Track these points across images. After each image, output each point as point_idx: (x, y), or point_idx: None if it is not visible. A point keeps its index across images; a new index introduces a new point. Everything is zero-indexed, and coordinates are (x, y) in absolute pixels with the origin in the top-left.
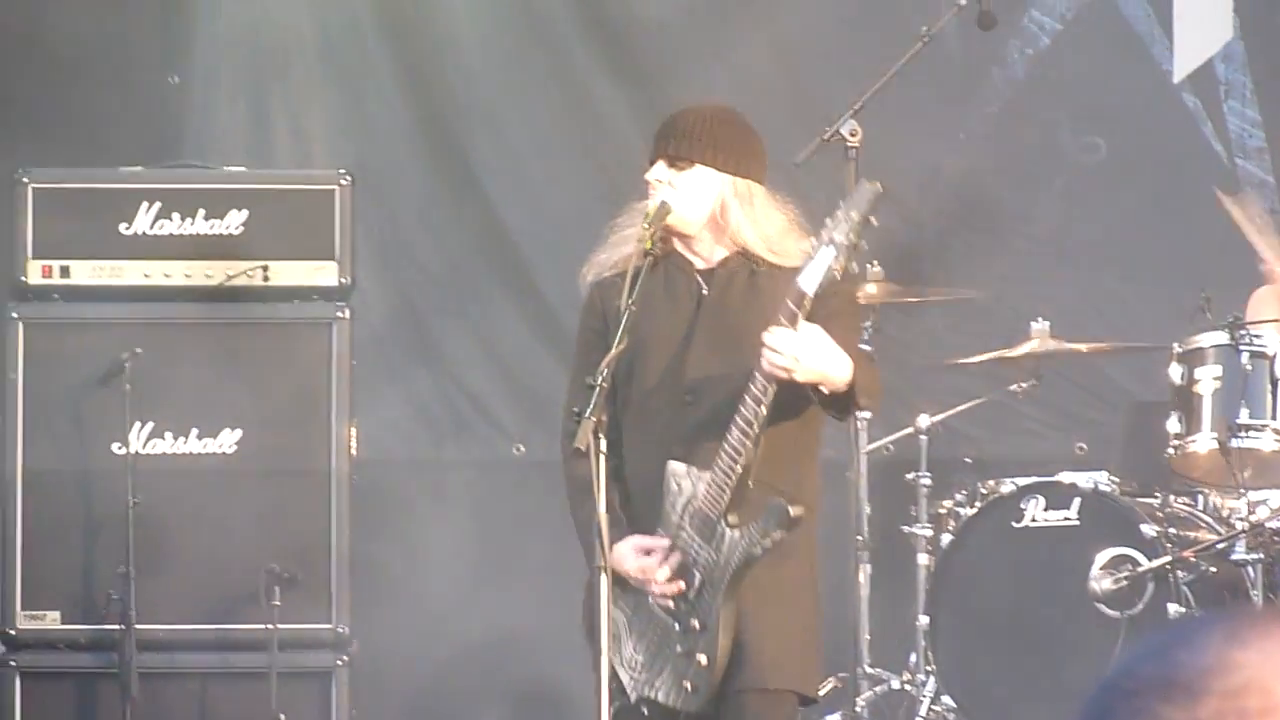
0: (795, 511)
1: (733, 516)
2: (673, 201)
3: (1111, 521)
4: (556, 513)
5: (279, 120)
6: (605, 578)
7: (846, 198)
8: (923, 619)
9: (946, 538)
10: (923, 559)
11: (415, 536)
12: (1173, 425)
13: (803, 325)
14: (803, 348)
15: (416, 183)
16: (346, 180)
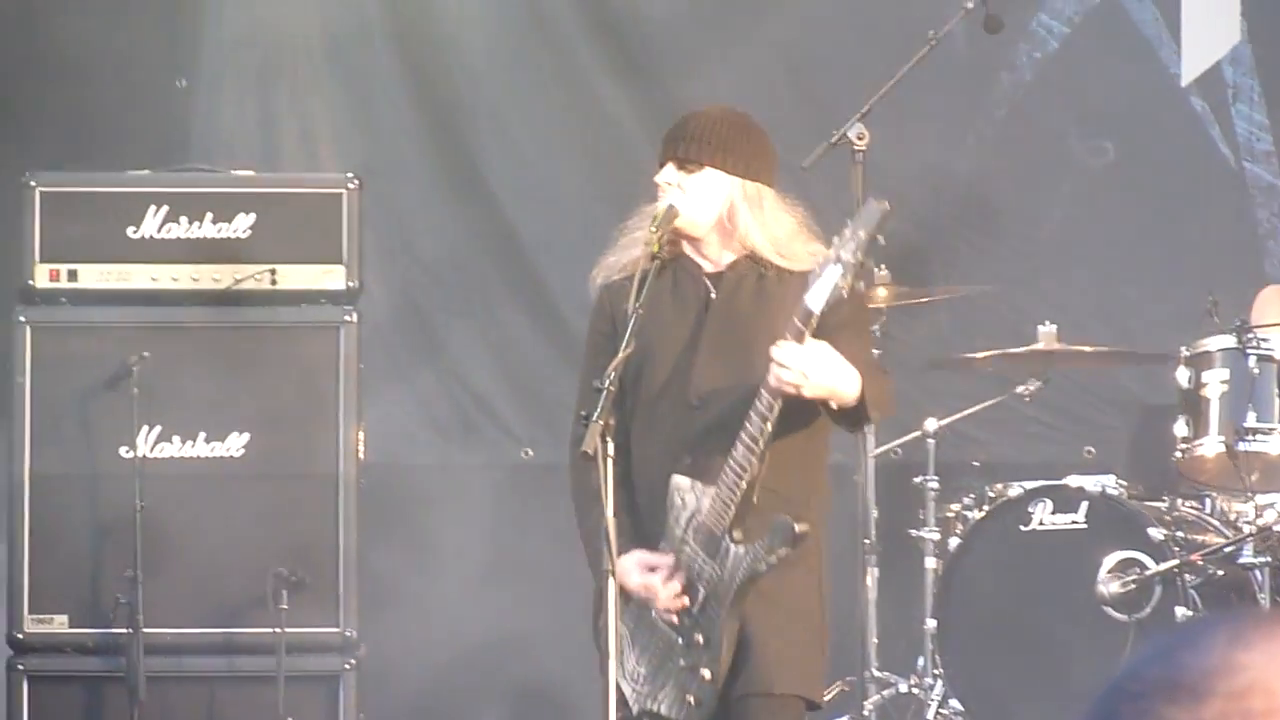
0: (801, 529)
1: (737, 532)
2: (681, 204)
3: (1119, 525)
4: (565, 516)
5: (286, 123)
6: (613, 582)
7: (854, 216)
8: (930, 622)
9: (954, 541)
10: (930, 562)
11: (423, 540)
12: (1180, 429)
13: (810, 342)
14: (811, 363)
15: (423, 185)
16: (354, 183)
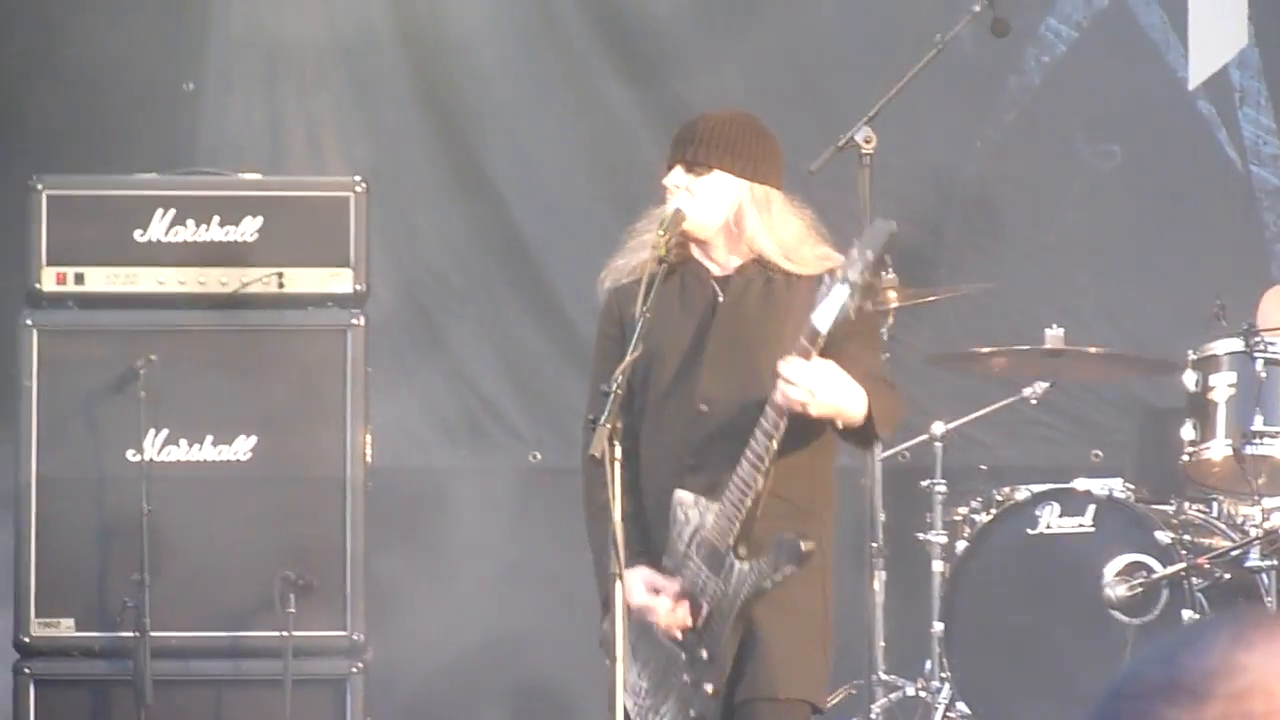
0: (807, 547)
1: (742, 549)
2: (688, 208)
3: (1126, 528)
4: (573, 519)
5: (294, 127)
6: (620, 585)
7: (861, 236)
8: (937, 626)
9: (961, 544)
10: (937, 566)
11: (430, 543)
12: (1187, 432)
13: (817, 360)
14: (818, 381)
15: (430, 188)
16: (361, 187)
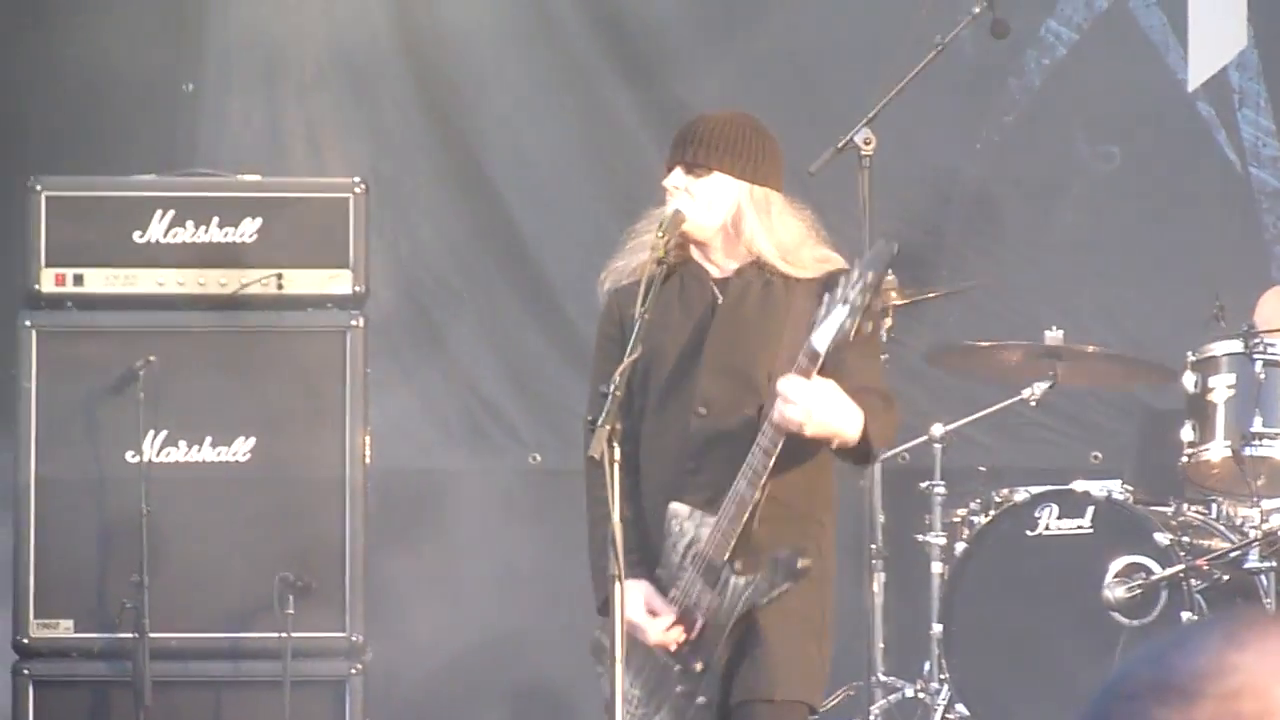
0: (803, 564)
1: (739, 563)
2: (687, 209)
3: (1125, 530)
4: (573, 521)
5: (293, 128)
6: (619, 587)
7: (862, 257)
8: (936, 627)
9: (960, 546)
10: (936, 567)
11: (430, 544)
12: (1186, 433)
13: (816, 379)
14: (816, 400)
15: (431, 190)
16: (361, 188)
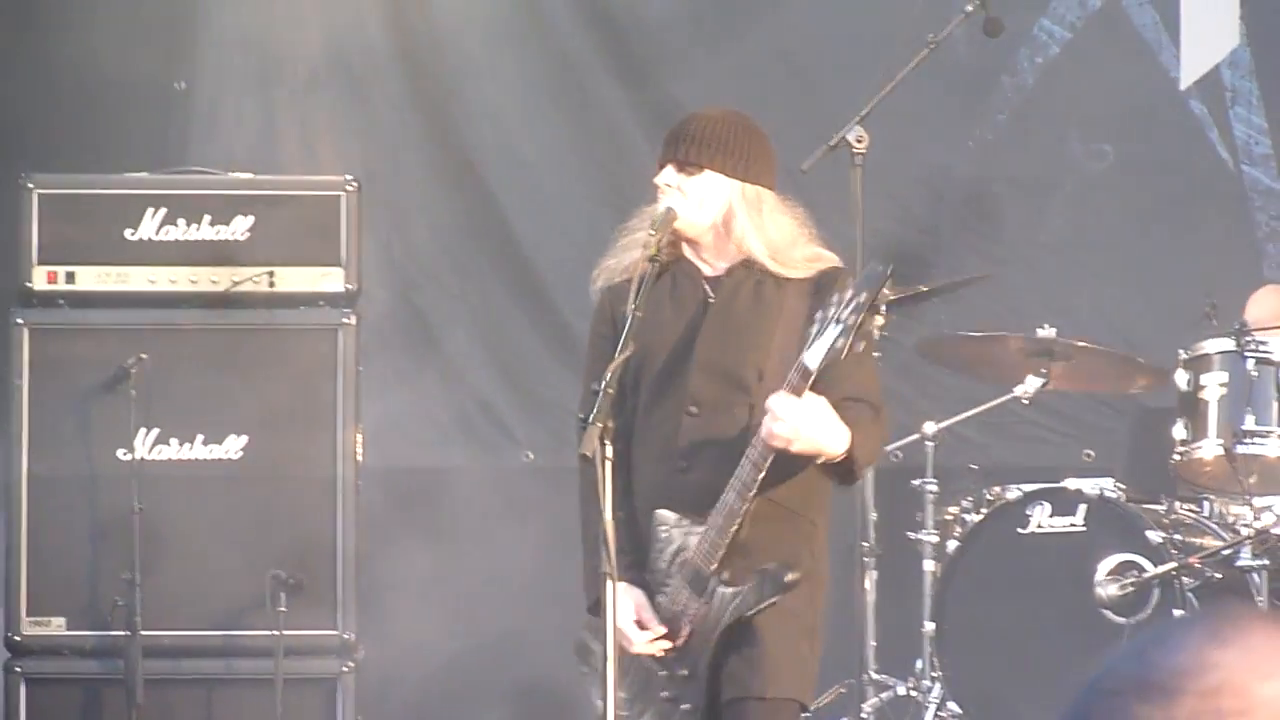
0: (791, 577)
1: (726, 573)
2: (679, 207)
3: (1117, 528)
4: (565, 519)
5: (286, 126)
6: (611, 584)
7: (857, 278)
8: (928, 625)
9: (952, 544)
10: (928, 565)
11: (422, 542)
12: (1178, 431)
13: (807, 396)
14: (804, 419)
15: (424, 188)
16: (353, 186)
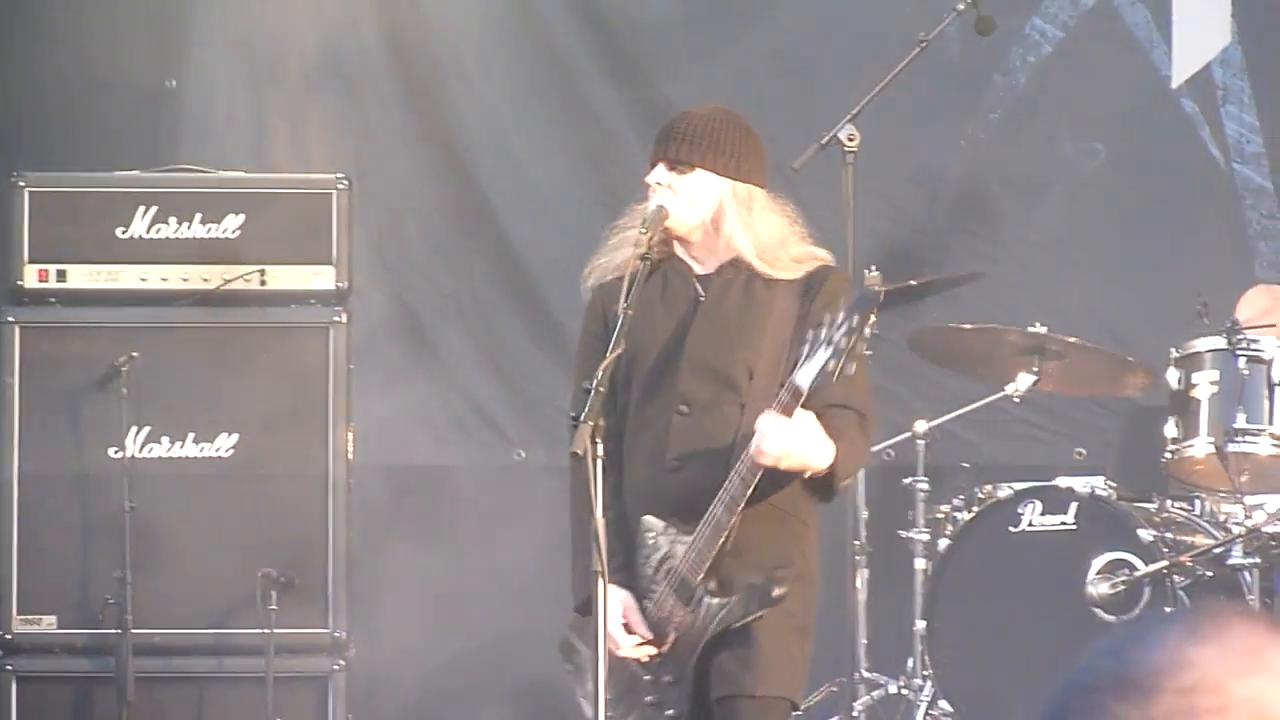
0: (778, 592)
1: (713, 584)
2: (670, 205)
3: (1108, 526)
4: (558, 518)
5: (277, 124)
6: (602, 583)
7: (849, 301)
8: (920, 623)
9: (944, 542)
10: (920, 564)
11: (413, 541)
12: (1170, 430)
13: (798, 414)
14: (794, 440)
15: (415, 187)
16: (344, 184)
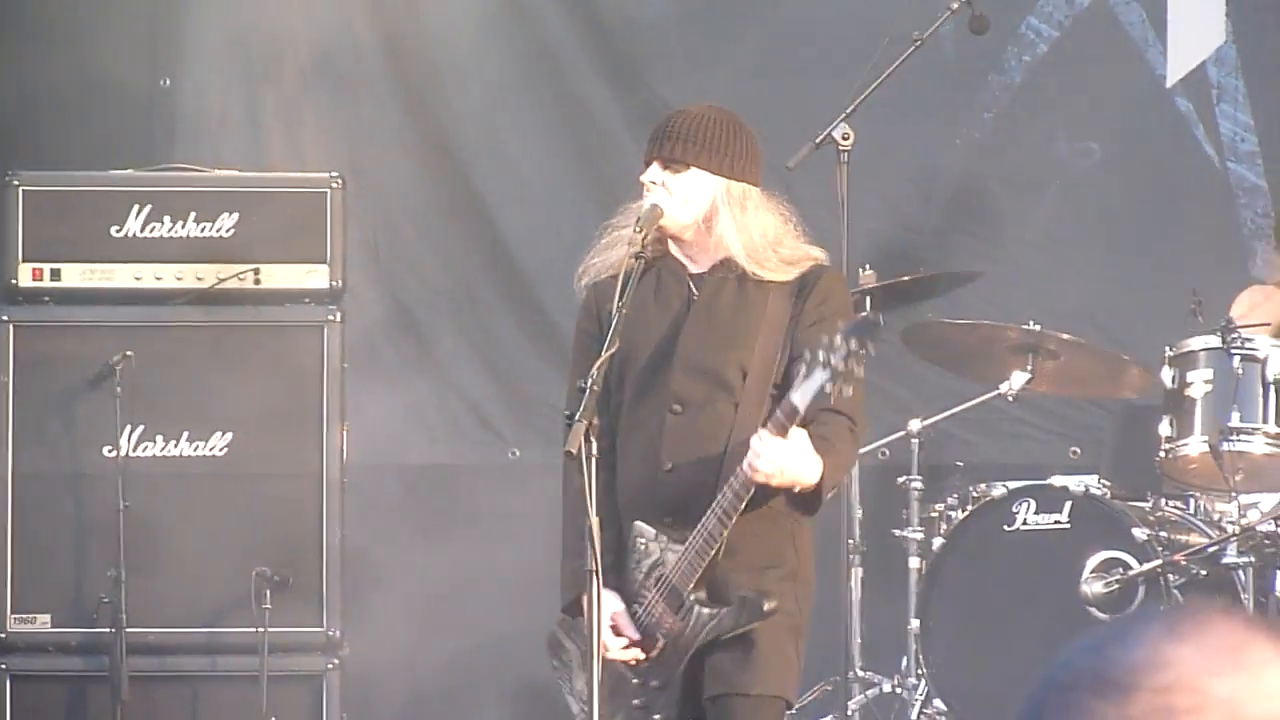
0: (769, 606)
1: (703, 593)
2: (665, 204)
3: (1103, 525)
4: (552, 517)
5: (271, 123)
6: (596, 580)
7: (847, 325)
8: (914, 622)
9: (938, 541)
10: (914, 562)
11: (408, 540)
12: (1164, 428)
13: (793, 434)
14: (787, 460)
15: (410, 186)
16: (338, 183)
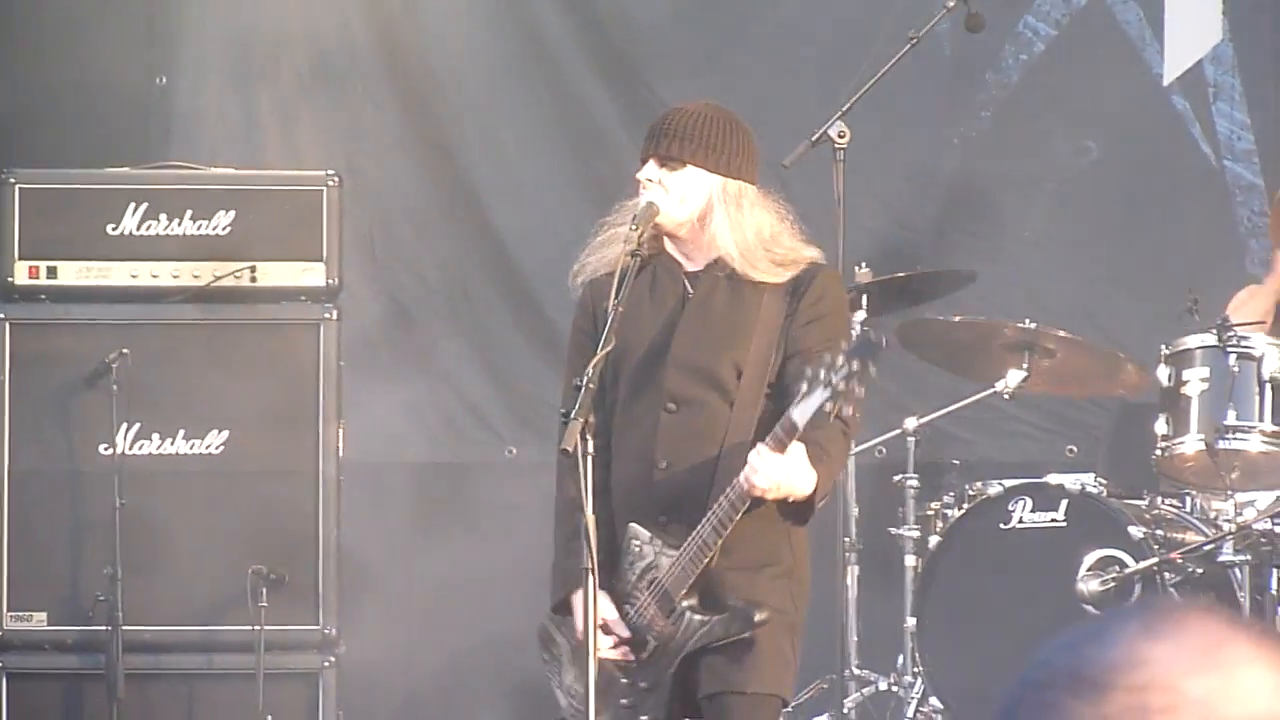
0: (760, 617)
1: (695, 600)
2: (661, 202)
3: (1099, 523)
4: (548, 515)
5: (267, 122)
6: (592, 579)
7: (850, 344)
8: (910, 620)
9: (934, 539)
10: (910, 560)
11: (404, 538)
12: (1160, 427)
13: (792, 449)
14: (785, 475)
15: (407, 184)
16: (334, 181)
